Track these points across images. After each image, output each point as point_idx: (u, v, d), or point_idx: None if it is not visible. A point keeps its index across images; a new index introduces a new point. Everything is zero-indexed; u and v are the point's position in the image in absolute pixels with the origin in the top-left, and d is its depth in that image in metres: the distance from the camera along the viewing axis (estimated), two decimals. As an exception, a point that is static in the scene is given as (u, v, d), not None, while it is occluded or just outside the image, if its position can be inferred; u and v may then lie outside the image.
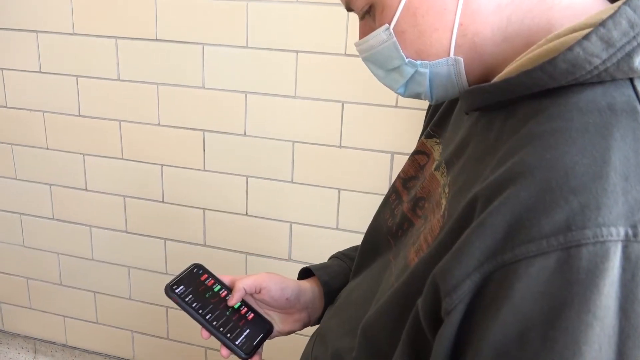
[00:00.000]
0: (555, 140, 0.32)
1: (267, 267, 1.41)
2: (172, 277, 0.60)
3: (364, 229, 1.43)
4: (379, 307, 0.41)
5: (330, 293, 0.62)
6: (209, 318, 0.57)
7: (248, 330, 0.59)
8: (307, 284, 0.63)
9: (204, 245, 1.45)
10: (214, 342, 1.50)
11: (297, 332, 0.65)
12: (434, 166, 0.48)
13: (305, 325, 0.64)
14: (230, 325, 0.58)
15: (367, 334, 0.41)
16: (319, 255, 1.36)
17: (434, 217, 0.41)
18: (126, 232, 1.52)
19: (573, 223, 0.29)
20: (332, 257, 0.68)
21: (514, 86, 0.36)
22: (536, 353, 0.29)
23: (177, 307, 0.57)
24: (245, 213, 1.38)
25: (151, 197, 1.46)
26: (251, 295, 0.61)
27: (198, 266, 0.61)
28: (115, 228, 1.53)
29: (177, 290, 0.57)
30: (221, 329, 0.57)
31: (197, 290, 0.59)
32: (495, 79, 0.38)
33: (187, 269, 0.61)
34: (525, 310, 0.29)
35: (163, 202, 1.46)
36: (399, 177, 0.54)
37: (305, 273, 0.66)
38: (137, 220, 1.50)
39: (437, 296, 0.33)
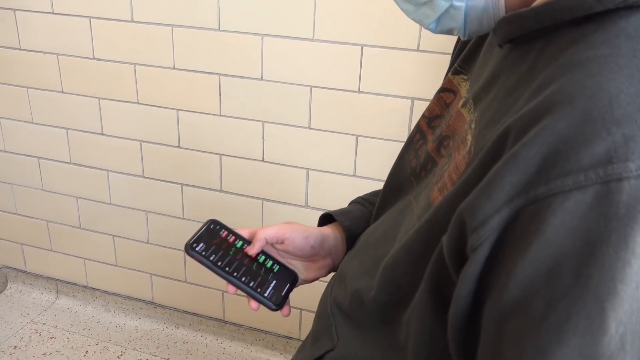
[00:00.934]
0: (599, 68, 0.30)
1: (283, 214, 1.42)
2: (190, 235, 0.60)
3: (382, 176, 1.33)
4: (401, 246, 0.40)
5: (352, 238, 0.61)
6: (234, 273, 0.57)
7: (275, 282, 0.59)
8: (329, 230, 0.63)
9: (220, 191, 1.46)
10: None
11: (321, 278, 0.66)
12: (460, 103, 0.46)
13: (330, 271, 0.64)
14: (257, 278, 0.58)
15: (388, 274, 0.41)
16: (336, 202, 1.36)
17: (459, 154, 0.40)
18: (143, 177, 1.54)
19: (615, 155, 0.28)
20: (353, 202, 0.67)
21: (555, 11, 0.35)
22: (568, 290, 0.28)
23: (198, 263, 0.57)
24: (261, 159, 1.38)
25: (167, 142, 1.46)
26: (273, 246, 0.61)
27: (214, 222, 0.61)
28: (132, 173, 1.54)
29: (197, 248, 0.57)
30: (249, 283, 0.57)
31: (217, 247, 0.59)
32: (535, 4, 0.37)
33: (204, 225, 0.60)
34: (557, 246, 0.28)
35: (179, 147, 1.46)
36: (423, 116, 0.53)
37: (326, 219, 0.66)
38: (153, 166, 1.51)
39: (462, 232, 0.32)
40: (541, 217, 0.29)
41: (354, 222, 0.63)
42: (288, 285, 0.60)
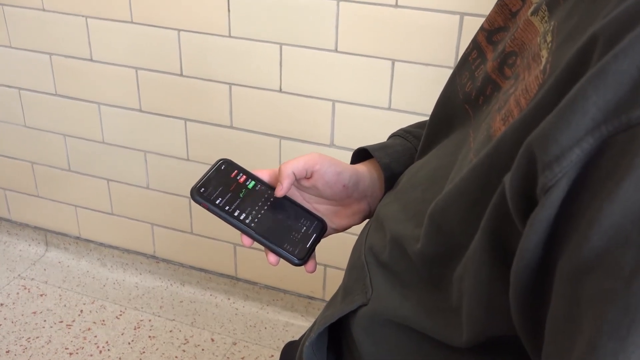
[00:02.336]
0: None
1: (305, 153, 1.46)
2: (198, 178, 0.60)
3: (423, 109, 1.41)
4: (453, 187, 0.39)
5: (393, 178, 0.61)
6: (249, 221, 0.57)
7: (298, 232, 0.60)
8: (365, 168, 0.63)
9: (231, 127, 1.47)
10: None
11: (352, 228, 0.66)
12: (530, 10, 0.44)
13: (365, 218, 0.65)
14: (277, 227, 0.59)
15: (437, 221, 0.40)
16: (367, 140, 1.31)
17: (530, 75, 0.38)
18: (140, 110, 1.53)
19: None
20: (393, 136, 0.68)
21: None
22: None
23: (207, 211, 0.57)
24: (279, 89, 1.38)
25: (168, 69, 1.45)
26: (298, 184, 0.62)
27: (226, 162, 0.61)
28: (127, 106, 1.53)
29: (205, 193, 0.57)
30: (266, 233, 0.57)
31: (230, 191, 0.59)
32: None
33: (213, 166, 0.60)
34: None
35: (182, 75, 1.45)
36: (482, 29, 0.51)
37: (360, 156, 0.66)
38: (152, 98, 1.50)
39: (531, 170, 0.31)
40: (636, 147, 0.27)
41: (394, 158, 0.63)
42: (314, 236, 0.60)
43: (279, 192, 0.59)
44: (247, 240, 0.58)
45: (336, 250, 1.41)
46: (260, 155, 1.46)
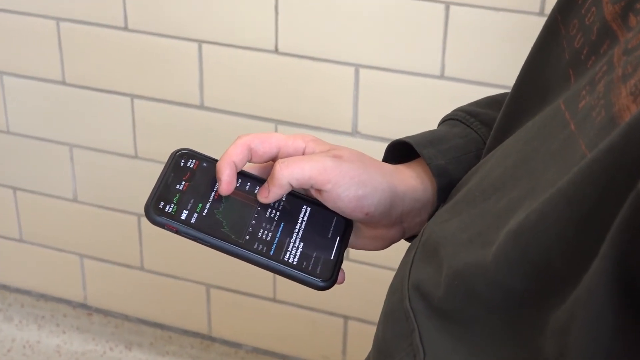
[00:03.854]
0: None
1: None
2: (151, 184, 0.61)
3: (496, 77, 1.41)
4: (555, 194, 0.40)
5: (450, 186, 0.63)
6: (243, 240, 0.59)
7: (311, 237, 0.62)
8: (407, 179, 0.64)
9: (201, 107, 1.49)
10: (228, 274, 1.62)
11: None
12: None
13: (391, 243, 0.66)
14: (283, 239, 0.61)
15: (523, 243, 0.41)
16: (407, 126, 1.40)
17: None
18: (63, 83, 1.56)
19: None
20: (449, 120, 0.70)
21: None
22: None
23: (177, 235, 0.60)
24: (274, 49, 1.40)
25: (105, 20, 1.47)
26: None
27: (184, 155, 0.63)
28: (44, 77, 1.56)
29: (168, 209, 0.59)
30: (271, 251, 0.60)
31: (202, 196, 0.61)
32: None
33: (167, 165, 0.62)
34: None
35: (126, 29, 1.47)
36: None
37: (399, 151, 0.68)
38: (81, 64, 1.53)
39: None
40: None
41: (452, 157, 0.65)
42: (337, 239, 0.62)
43: (262, 199, 0.62)
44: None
45: (360, 290, 1.40)
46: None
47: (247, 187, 0.62)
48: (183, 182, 0.61)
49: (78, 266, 1.72)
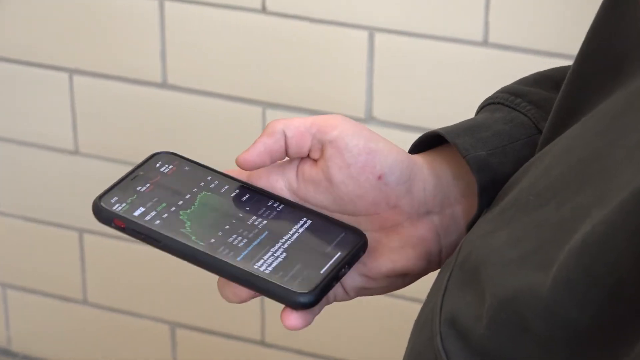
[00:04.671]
0: None
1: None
2: (93, 188, 0.65)
3: (555, 45, 1.50)
4: (624, 202, 0.42)
5: (494, 185, 0.63)
6: (203, 241, 0.62)
7: (305, 250, 0.64)
8: (430, 163, 0.67)
9: (163, 85, 1.53)
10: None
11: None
12: None
13: (430, 260, 0.66)
14: (260, 248, 0.63)
15: (589, 264, 0.42)
16: (440, 112, 1.38)
17: None
18: None
19: None
20: (491, 104, 0.71)
21: None
22: None
23: (133, 239, 0.62)
24: (261, 8, 1.43)
25: None
26: (296, 172, 0.65)
27: (163, 157, 0.67)
28: None
29: (120, 204, 0.63)
30: (242, 260, 0.62)
31: (168, 196, 0.64)
32: None
33: (140, 164, 0.66)
34: None
35: None
36: None
37: (428, 146, 0.70)
38: None
39: None
40: None
41: (494, 146, 0.66)
42: (338, 255, 0.63)
43: (242, 159, 0.64)
44: (235, 293, 0.63)
45: (374, 327, 1.44)
46: (224, 141, 1.50)
47: (234, 192, 0.65)
48: (148, 185, 0.64)
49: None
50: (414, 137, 1.37)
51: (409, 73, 1.39)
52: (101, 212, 0.61)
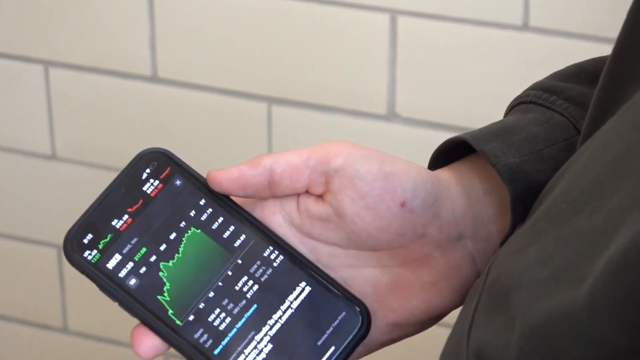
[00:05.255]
0: None
1: (327, 137, 1.37)
2: (77, 208, 0.66)
3: (593, 29, 1.40)
4: None
5: (528, 196, 0.63)
6: (180, 318, 0.62)
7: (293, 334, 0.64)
8: (455, 178, 0.67)
9: (153, 78, 1.54)
10: None
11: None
12: None
13: (464, 295, 0.64)
14: (244, 334, 0.64)
15: (629, 278, 0.42)
16: (472, 109, 1.42)
17: None
18: None
19: None
20: (517, 104, 0.72)
21: None
22: None
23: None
24: None
25: None
26: (301, 210, 0.65)
27: (153, 158, 0.66)
28: None
29: (92, 248, 0.63)
30: (220, 354, 0.63)
31: (152, 235, 0.64)
32: None
33: (122, 174, 0.65)
34: None
35: None
36: None
37: (453, 155, 0.70)
38: None
39: None
40: None
41: (529, 152, 0.66)
42: (332, 348, 0.63)
43: (211, 175, 0.63)
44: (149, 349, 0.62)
45: (395, 356, 1.36)
46: (224, 143, 1.52)
47: (228, 230, 0.64)
48: (127, 217, 0.63)
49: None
50: (443, 136, 1.39)
51: (437, 62, 1.40)
52: (71, 259, 0.61)
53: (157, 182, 0.64)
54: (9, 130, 1.65)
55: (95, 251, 0.61)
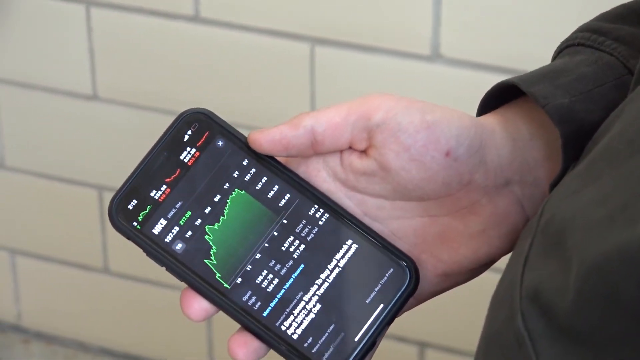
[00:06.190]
0: None
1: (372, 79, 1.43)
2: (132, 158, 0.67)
3: None
4: None
5: (579, 137, 0.63)
6: (228, 281, 0.63)
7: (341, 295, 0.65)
8: (502, 123, 0.67)
9: (195, 19, 1.54)
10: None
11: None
12: None
13: (514, 242, 0.65)
14: (293, 294, 0.64)
15: None
16: (525, 53, 1.42)
17: None
18: None
19: None
20: (565, 48, 0.71)
21: None
22: None
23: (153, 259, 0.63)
24: None
25: None
26: (343, 170, 0.66)
27: (194, 120, 0.66)
28: None
29: (138, 213, 0.64)
30: (269, 316, 0.63)
31: (196, 198, 0.65)
32: None
33: (164, 137, 0.66)
34: None
35: None
36: None
37: (499, 98, 0.69)
38: None
39: None
40: None
41: (579, 92, 0.66)
42: (380, 306, 0.64)
43: (252, 137, 0.64)
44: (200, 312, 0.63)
45: (442, 307, 1.36)
46: (266, 84, 1.53)
47: (272, 190, 0.64)
48: (172, 177, 0.64)
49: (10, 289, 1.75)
50: (487, 78, 1.38)
51: (483, 2, 1.40)
52: (117, 226, 0.62)
53: (198, 144, 0.65)
54: (50, 70, 1.65)
55: (140, 217, 0.63)
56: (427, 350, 1.63)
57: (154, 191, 0.64)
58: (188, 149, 0.65)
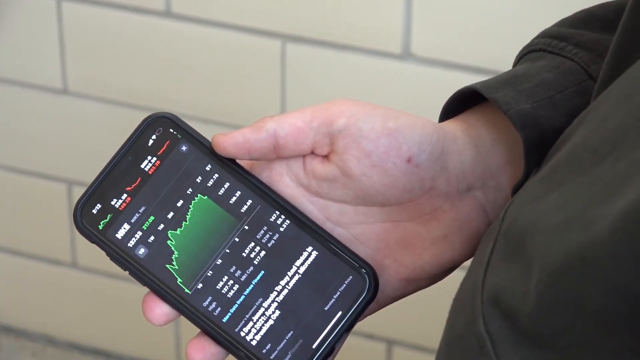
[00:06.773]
0: None
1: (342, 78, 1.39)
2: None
3: None
4: None
5: (542, 143, 0.63)
6: (189, 286, 0.64)
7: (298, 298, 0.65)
8: (463, 129, 0.67)
9: (166, 14, 1.51)
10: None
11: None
12: None
13: (476, 247, 0.64)
14: (252, 300, 0.65)
15: None
16: (500, 50, 1.41)
17: None
18: None
19: None
20: (528, 52, 0.72)
21: None
22: None
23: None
24: None
25: None
26: (305, 172, 0.66)
27: (160, 124, 0.66)
28: None
29: (101, 217, 0.64)
30: (229, 322, 0.64)
31: (159, 202, 0.65)
32: None
33: (130, 140, 0.66)
34: None
35: None
36: None
37: (461, 103, 0.69)
38: None
39: None
40: None
41: (540, 98, 0.66)
42: (339, 313, 0.65)
43: (216, 140, 0.64)
44: (159, 316, 0.64)
45: (410, 306, 1.39)
46: (236, 81, 1.53)
47: (234, 195, 0.65)
48: (136, 182, 0.64)
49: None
50: (458, 77, 1.39)
51: (454, 1, 1.40)
52: (81, 229, 0.62)
53: (161, 150, 0.65)
54: (20, 64, 1.65)
55: (104, 221, 0.63)
56: (394, 347, 1.63)
57: (115, 199, 0.64)
58: (149, 157, 0.65)
